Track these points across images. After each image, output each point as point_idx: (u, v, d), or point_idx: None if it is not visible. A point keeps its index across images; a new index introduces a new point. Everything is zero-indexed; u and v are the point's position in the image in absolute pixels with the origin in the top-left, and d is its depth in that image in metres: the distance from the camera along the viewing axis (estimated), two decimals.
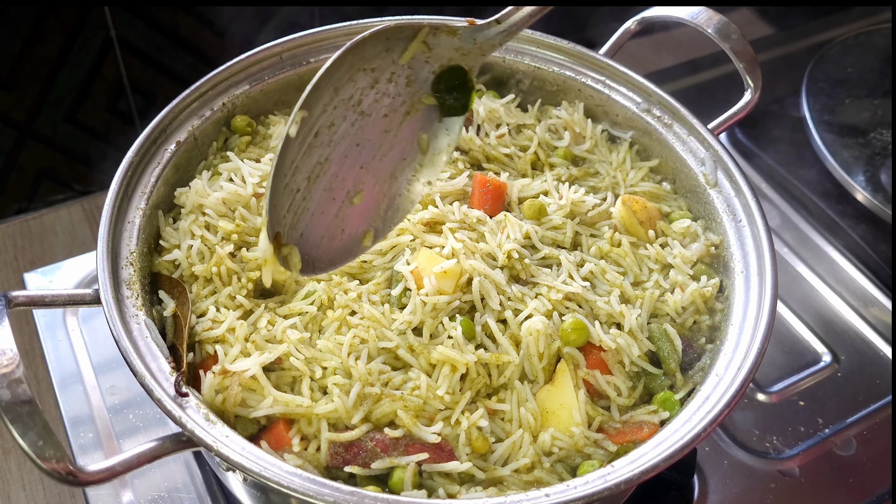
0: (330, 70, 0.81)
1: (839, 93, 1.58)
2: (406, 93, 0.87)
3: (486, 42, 0.87)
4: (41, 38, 1.38)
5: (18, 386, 0.70)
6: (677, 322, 0.95)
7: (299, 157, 0.81)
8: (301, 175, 0.82)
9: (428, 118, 0.89)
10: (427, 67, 0.87)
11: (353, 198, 0.86)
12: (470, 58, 0.87)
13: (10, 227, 1.45)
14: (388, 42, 0.84)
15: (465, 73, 0.88)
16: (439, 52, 0.86)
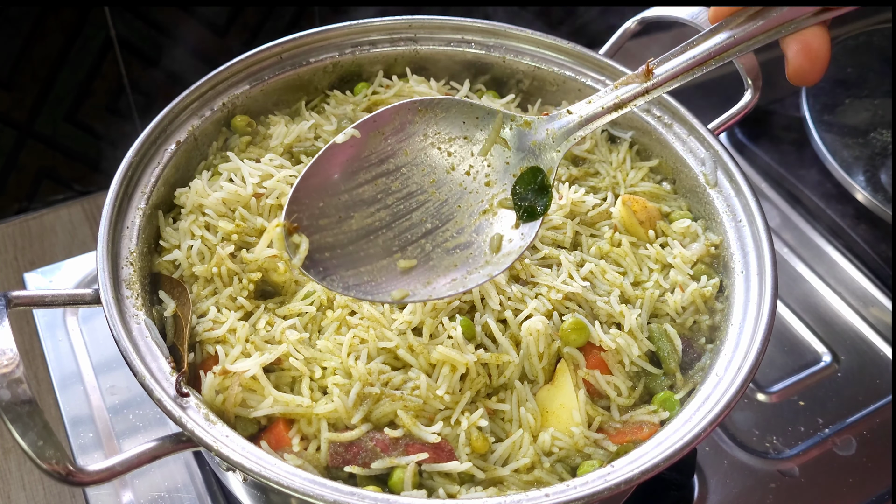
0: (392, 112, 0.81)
1: (839, 93, 1.58)
2: (485, 193, 0.86)
3: (559, 133, 0.86)
4: (41, 38, 1.38)
5: (18, 386, 0.70)
6: (677, 322, 0.95)
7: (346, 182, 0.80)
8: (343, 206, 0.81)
9: (504, 220, 0.87)
10: (507, 170, 0.86)
11: (399, 261, 0.84)
12: (545, 155, 0.86)
13: (10, 227, 1.45)
14: (464, 126, 0.84)
15: (542, 174, 0.87)
16: (517, 148, 0.86)
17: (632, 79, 0.84)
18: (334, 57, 1.14)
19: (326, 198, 0.79)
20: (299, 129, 1.07)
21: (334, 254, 0.81)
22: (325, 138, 1.07)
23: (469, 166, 0.85)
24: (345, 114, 1.10)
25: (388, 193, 0.82)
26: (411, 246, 0.84)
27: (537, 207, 0.87)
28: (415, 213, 0.84)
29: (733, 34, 0.80)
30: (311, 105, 1.15)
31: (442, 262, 0.85)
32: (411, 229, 0.85)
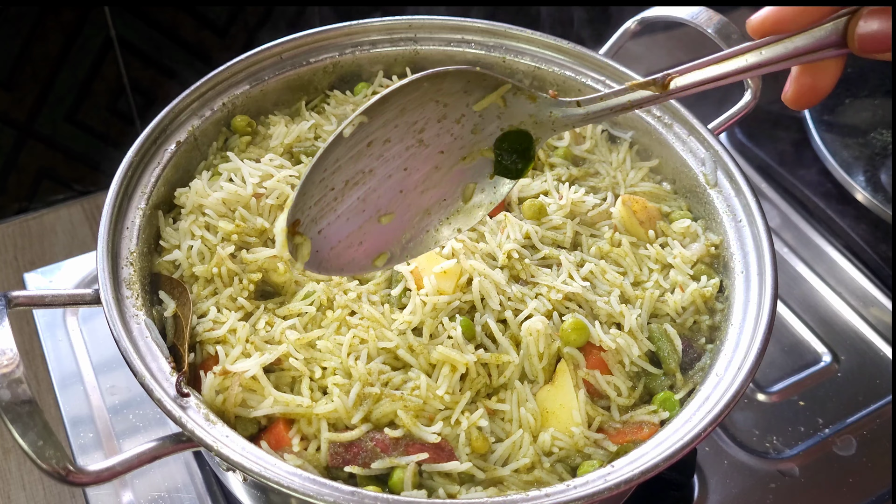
0: (403, 89, 0.80)
1: (839, 93, 1.58)
2: (469, 139, 0.86)
3: (560, 119, 0.85)
4: (41, 38, 1.38)
5: (18, 386, 0.70)
6: (677, 322, 0.95)
7: (345, 158, 0.80)
8: (340, 176, 0.81)
9: (480, 170, 0.87)
10: (496, 123, 0.86)
11: (381, 216, 0.85)
12: (540, 128, 0.86)
13: (10, 227, 1.45)
14: (468, 84, 0.83)
15: (530, 141, 0.87)
16: (513, 111, 0.85)
17: (648, 84, 0.83)
18: (334, 57, 1.14)
19: (322, 179, 0.80)
20: (299, 129, 1.07)
21: (327, 230, 0.82)
22: (325, 138, 1.07)
23: (461, 115, 0.84)
24: (345, 114, 1.10)
25: (379, 152, 0.82)
26: (393, 199, 0.85)
27: (516, 167, 0.87)
28: (400, 163, 0.84)
29: (761, 58, 0.80)
30: (311, 105, 1.15)
31: (418, 210, 0.86)
32: (396, 182, 0.84)
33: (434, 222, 0.87)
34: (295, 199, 0.77)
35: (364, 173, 0.82)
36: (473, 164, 0.87)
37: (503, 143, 0.87)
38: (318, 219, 0.81)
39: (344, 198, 0.82)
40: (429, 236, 0.88)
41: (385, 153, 0.82)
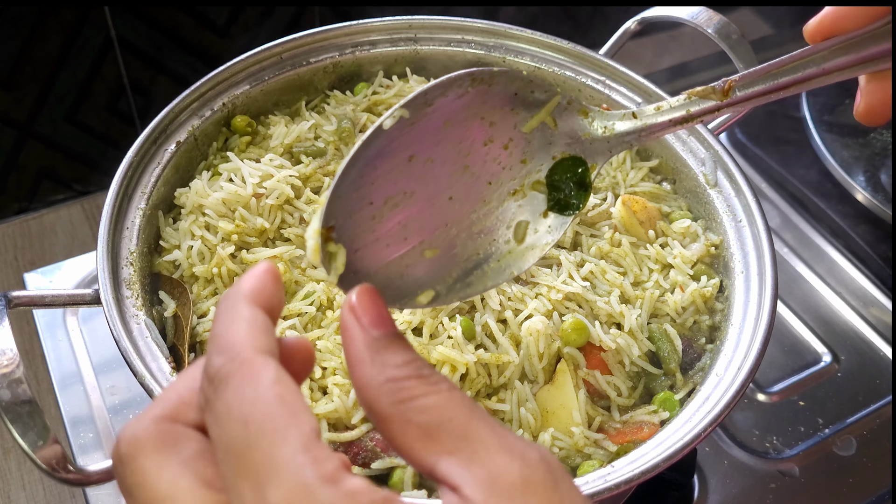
0: (446, 88, 0.71)
1: (839, 93, 1.58)
2: (518, 170, 0.78)
3: (616, 136, 0.78)
4: (41, 38, 1.38)
5: (18, 386, 0.70)
6: (677, 322, 0.95)
7: (384, 168, 0.71)
8: (379, 191, 0.71)
9: (533, 207, 0.79)
10: (547, 150, 0.78)
11: (425, 250, 0.75)
12: (595, 151, 0.78)
13: (10, 227, 1.45)
14: (515, 99, 0.75)
15: (585, 168, 0.78)
16: (564, 133, 0.77)
17: (708, 93, 0.77)
18: (334, 57, 1.14)
19: (359, 187, 0.70)
20: (299, 129, 1.07)
21: (365, 251, 0.72)
22: (325, 138, 1.07)
23: (508, 139, 0.76)
24: (345, 114, 1.10)
25: (421, 171, 0.73)
26: (437, 231, 0.76)
27: (572, 202, 0.79)
28: (445, 191, 0.75)
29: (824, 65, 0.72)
30: (311, 105, 1.15)
31: (465, 249, 0.77)
32: (440, 211, 0.76)
33: (483, 263, 0.78)
34: (329, 199, 0.67)
35: (406, 195, 0.73)
36: (526, 201, 0.79)
37: (555, 175, 0.79)
38: (355, 237, 0.71)
39: (384, 219, 0.72)
40: (478, 279, 0.78)
41: (428, 176, 0.74)
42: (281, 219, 0.99)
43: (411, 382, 0.47)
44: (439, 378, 0.48)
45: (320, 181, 1.03)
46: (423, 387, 0.47)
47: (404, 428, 0.46)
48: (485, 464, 0.44)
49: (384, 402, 0.47)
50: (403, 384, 0.47)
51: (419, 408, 0.46)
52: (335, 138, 1.07)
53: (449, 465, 0.44)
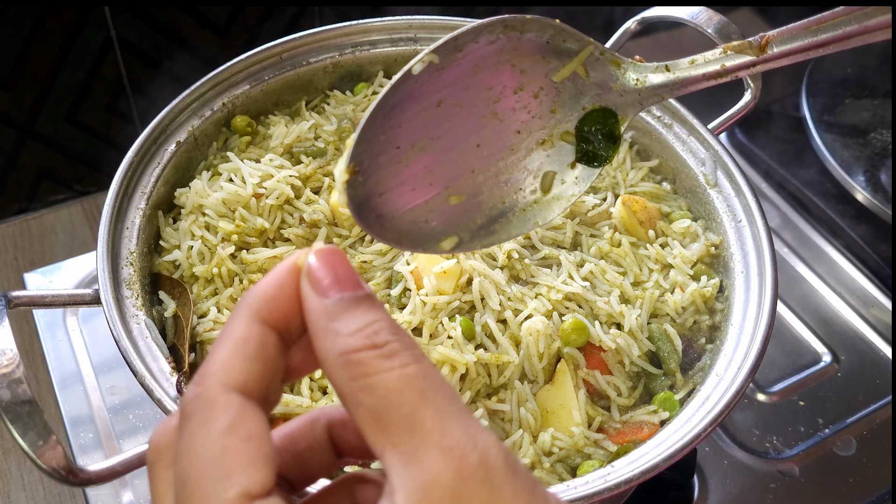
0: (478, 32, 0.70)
1: (839, 93, 1.58)
2: (548, 119, 0.77)
3: (648, 88, 0.76)
4: (41, 38, 1.38)
5: (18, 386, 0.70)
6: (677, 322, 0.95)
7: (412, 111, 0.71)
8: (407, 135, 0.71)
9: (561, 157, 0.78)
10: (577, 100, 0.77)
11: (451, 196, 0.75)
12: (626, 103, 0.77)
13: (10, 227, 1.45)
14: (547, 47, 0.74)
15: (615, 120, 0.78)
16: (595, 84, 0.76)
17: (744, 47, 0.74)
18: (334, 57, 1.14)
19: (385, 130, 0.71)
20: (299, 129, 1.07)
21: (390, 194, 0.72)
22: (325, 138, 1.07)
23: (539, 88, 0.75)
24: (345, 114, 1.10)
25: (449, 116, 0.73)
26: (464, 177, 0.76)
27: (600, 154, 0.78)
28: (472, 137, 0.75)
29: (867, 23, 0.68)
30: (311, 105, 1.15)
31: (491, 196, 0.77)
32: (467, 156, 0.75)
33: (507, 212, 0.78)
34: (356, 141, 0.68)
35: (433, 139, 0.73)
36: (554, 151, 0.78)
37: (585, 126, 0.78)
38: (381, 181, 0.71)
39: (410, 163, 0.72)
40: (502, 227, 0.78)
41: (456, 121, 0.73)
42: (281, 219, 0.99)
43: (363, 355, 0.43)
44: (397, 347, 0.43)
45: (320, 181, 1.03)
46: (376, 361, 0.42)
47: (356, 409, 0.43)
48: (422, 466, 0.41)
49: (338, 378, 0.43)
50: (354, 358, 0.43)
51: (368, 388, 0.42)
52: (335, 138, 1.07)
53: (392, 459, 0.42)
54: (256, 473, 0.42)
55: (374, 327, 0.43)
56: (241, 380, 0.44)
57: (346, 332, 0.43)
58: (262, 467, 0.42)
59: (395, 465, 0.42)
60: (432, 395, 0.42)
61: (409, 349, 0.43)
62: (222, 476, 0.41)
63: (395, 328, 0.44)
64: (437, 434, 0.41)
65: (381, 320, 0.44)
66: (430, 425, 0.41)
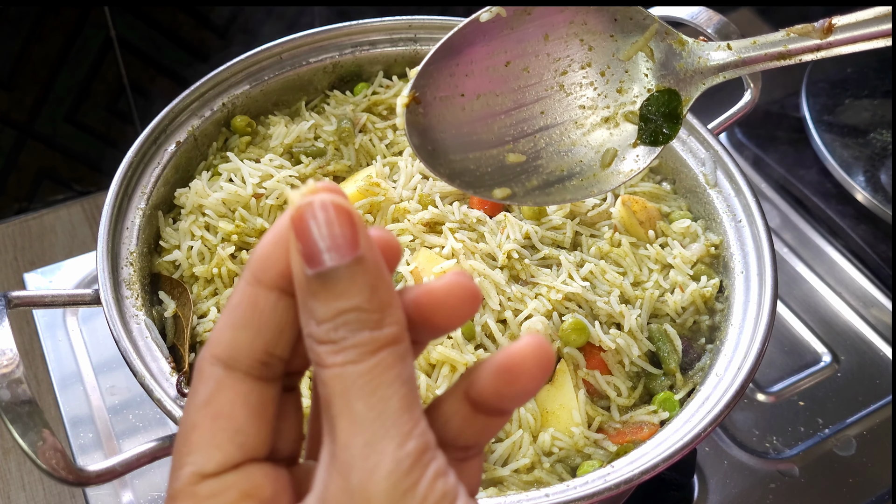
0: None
1: (839, 93, 1.57)
2: (614, 98, 0.79)
3: (710, 67, 0.78)
4: (41, 38, 1.38)
5: (18, 386, 0.70)
6: (677, 322, 0.95)
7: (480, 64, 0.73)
8: (473, 85, 0.74)
9: (623, 136, 0.80)
10: (643, 81, 0.79)
11: (510, 154, 0.78)
12: (688, 82, 0.79)
13: (10, 227, 1.45)
14: (615, 24, 0.76)
15: (679, 101, 0.79)
16: (660, 63, 0.78)
17: (808, 30, 0.74)
18: (334, 57, 1.14)
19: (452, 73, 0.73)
20: (299, 129, 1.07)
21: (448, 134, 0.75)
22: (324, 138, 1.07)
23: (607, 66, 0.78)
24: (345, 114, 1.10)
25: (516, 78, 0.75)
26: (525, 138, 0.78)
27: (662, 133, 0.80)
28: (537, 104, 0.77)
29: None
30: (311, 105, 1.15)
31: (550, 163, 0.79)
32: (529, 120, 0.78)
33: (566, 180, 0.80)
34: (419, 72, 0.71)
35: (497, 96, 0.75)
36: (617, 129, 0.80)
37: (649, 106, 0.80)
38: (443, 121, 0.74)
39: (473, 112, 0.75)
40: (558, 191, 0.80)
41: (522, 85, 0.76)
42: None
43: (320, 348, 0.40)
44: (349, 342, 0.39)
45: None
46: (326, 355, 0.39)
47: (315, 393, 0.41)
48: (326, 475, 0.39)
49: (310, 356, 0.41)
50: (314, 348, 0.40)
51: (318, 376, 0.40)
52: (335, 138, 1.07)
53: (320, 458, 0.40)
54: (216, 452, 0.41)
55: (341, 319, 0.39)
56: (225, 351, 0.42)
57: (316, 318, 0.40)
58: (226, 445, 0.41)
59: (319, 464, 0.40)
60: (355, 401, 0.38)
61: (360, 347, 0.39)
62: (184, 452, 0.41)
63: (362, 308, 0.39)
64: (342, 445, 0.39)
65: (351, 311, 0.39)
66: (342, 434, 0.39)
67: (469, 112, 0.76)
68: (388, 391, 0.39)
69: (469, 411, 0.45)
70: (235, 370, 0.42)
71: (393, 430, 0.38)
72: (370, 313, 0.39)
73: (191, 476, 0.41)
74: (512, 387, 0.43)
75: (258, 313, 0.42)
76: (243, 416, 0.42)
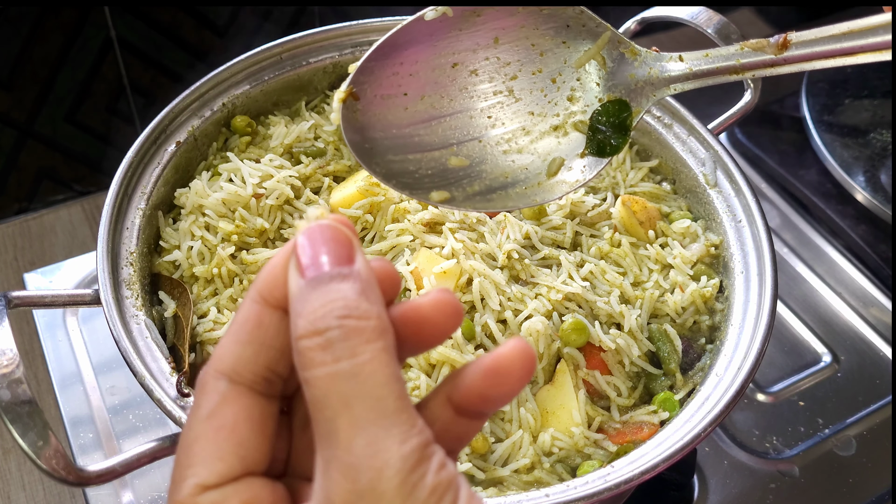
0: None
1: (839, 93, 1.57)
2: (564, 107, 0.78)
3: (661, 79, 0.76)
4: (41, 38, 1.38)
5: (18, 386, 0.70)
6: (677, 322, 0.95)
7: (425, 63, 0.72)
8: (417, 85, 0.72)
9: (571, 146, 0.79)
10: (594, 91, 0.78)
11: (452, 157, 0.76)
12: (639, 93, 0.77)
13: (10, 227, 1.45)
14: (568, 31, 0.75)
15: (628, 113, 0.78)
16: (612, 72, 0.77)
17: (762, 45, 0.72)
18: (334, 57, 1.14)
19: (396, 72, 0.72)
20: (299, 129, 1.07)
21: (388, 133, 0.73)
22: (324, 138, 1.07)
23: (558, 73, 0.76)
24: None
25: (463, 80, 0.74)
26: (470, 143, 0.76)
27: (610, 144, 0.78)
28: (485, 109, 0.76)
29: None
30: (311, 105, 1.15)
31: (495, 169, 0.78)
32: (476, 124, 0.76)
33: (509, 187, 0.78)
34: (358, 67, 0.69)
35: (443, 98, 0.74)
36: (564, 138, 0.79)
37: (599, 117, 0.79)
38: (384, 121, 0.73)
39: (415, 112, 0.73)
40: (500, 198, 0.78)
41: (470, 88, 0.74)
42: (281, 219, 0.99)
43: (306, 343, 0.40)
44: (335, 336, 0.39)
45: (320, 181, 1.03)
46: (313, 353, 0.39)
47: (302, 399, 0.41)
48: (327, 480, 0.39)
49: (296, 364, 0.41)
50: (300, 345, 0.40)
51: (306, 381, 0.40)
52: (335, 138, 1.07)
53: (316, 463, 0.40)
54: (218, 464, 0.42)
55: (326, 309, 0.40)
56: (230, 365, 0.43)
57: (301, 314, 0.40)
58: (228, 457, 0.42)
59: (316, 470, 0.40)
60: (353, 401, 0.38)
61: (348, 338, 0.39)
62: (187, 464, 0.42)
63: (350, 307, 0.40)
64: (344, 448, 0.38)
65: (337, 300, 0.40)
66: (342, 436, 0.38)
67: (412, 112, 0.74)
68: (385, 390, 0.39)
69: (451, 415, 0.46)
70: (240, 384, 0.43)
71: (395, 429, 0.39)
72: (356, 306, 0.40)
73: (193, 487, 0.41)
74: (498, 388, 0.44)
75: (263, 330, 0.43)
76: (246, 429, 0.43)
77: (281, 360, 0.44)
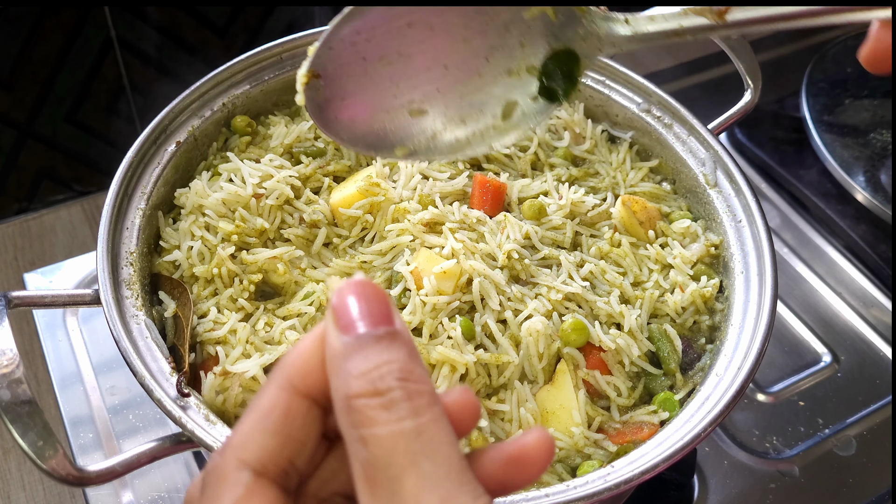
0: None
1: (839, 93, 1.58)
2: (517, 52, 0.81)
3: (607, 36, 0.79)
4: (41, 38, 1.38)
5: (18, 386, 0.70)
6: (677, 322, 0.95)
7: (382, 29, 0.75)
8: (375, 49, 0.76)
9: (524, 88, 0.82)
10: (545, 39, 0.81)
11: (413, 110, 0.79)
12: (588, 46, 0.80)
13: (10, 227, 1.45)
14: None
15: (577, 62, 0.81)
16: (561, 24, 0.80)
17: (703, 11, 0.75)
18: None
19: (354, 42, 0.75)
20: (299, 129, 1.07)
21: (352, 100, 0.77)
22: (324, 138, 1.07)
23: (510, 20, 0.79)
24: None
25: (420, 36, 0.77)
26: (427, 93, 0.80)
27: (558, 91, 0.82)
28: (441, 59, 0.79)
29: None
30: None
31: (452, 114, 0.81)
32: (433, 76, 0.79)
33: (468, 132, 0.82)
34: (318, 49, 0.72)
35: (401, 55, 0.77)
36: (519, 82, 0.82)
37: (550, 64, 0.81)
38: (345, 87, 0.76)
39: (375, 75, 0.77)
40: (458, 145, 0.82)
41: (426, 41, 0.77)
42: (281, 219, 0.99)
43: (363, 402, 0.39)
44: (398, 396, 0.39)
45: (320, 181, 1.03)
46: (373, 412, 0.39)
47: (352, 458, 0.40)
48: None
49: (342, 423, 0.40)
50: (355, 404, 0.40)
51: (363, 439, 0.39)
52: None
53: None
54: None
55: (383, 370, 0.40)
56: (255, 456, 0.42)
57: (354, 374, 0.40)
58: None
59: None
60: (421, 459, 0.38)
61: (411, 399, 0.39)
62: None
63: (406, 371, 0.40)
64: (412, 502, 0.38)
65: (393, 361, 0.40)
66: (409, 494, 0.38)
67: (372, 75, 0.77)
68: (451, 450, 0.39)
69: None
70: (265, 477, 0.42)
71: (466, 487, 0.39)
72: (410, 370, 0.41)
73: None
74: (519, 476, 0.44)
75: (290, 420, 0.42)
76: None
77: (302, 452, 0.43)
